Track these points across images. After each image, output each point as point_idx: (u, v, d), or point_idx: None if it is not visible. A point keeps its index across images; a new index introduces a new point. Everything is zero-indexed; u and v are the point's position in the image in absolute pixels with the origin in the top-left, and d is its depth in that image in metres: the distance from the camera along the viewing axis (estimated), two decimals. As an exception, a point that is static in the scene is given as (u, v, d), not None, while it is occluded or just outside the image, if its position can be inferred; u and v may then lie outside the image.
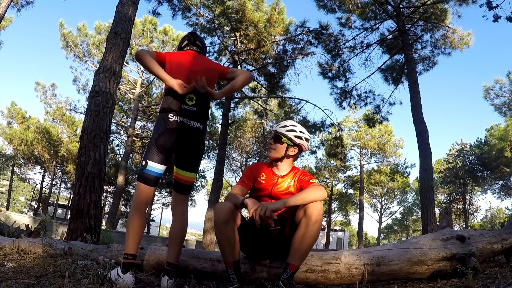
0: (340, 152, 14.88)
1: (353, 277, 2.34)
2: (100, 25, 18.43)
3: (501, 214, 34.30)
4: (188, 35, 2.69)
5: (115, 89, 5.12)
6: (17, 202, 46.86)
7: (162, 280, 2.23)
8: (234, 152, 27.51)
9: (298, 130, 2.43)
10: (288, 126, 2.42)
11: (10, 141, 23.65)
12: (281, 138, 2.40)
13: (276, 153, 2.41)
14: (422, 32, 12.06)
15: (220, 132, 13.25)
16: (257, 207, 2.05)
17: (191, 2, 12.17)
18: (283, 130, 2.40)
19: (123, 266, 2.16)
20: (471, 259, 2.26)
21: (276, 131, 2.43)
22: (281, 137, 2.40)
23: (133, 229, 2.26)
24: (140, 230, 2.29)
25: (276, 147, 2.41)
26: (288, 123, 2.44)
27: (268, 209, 2.04)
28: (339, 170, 29.76)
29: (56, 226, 15.54)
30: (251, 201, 2.14)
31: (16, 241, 3.28)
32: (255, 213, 2.04)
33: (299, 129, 2.44)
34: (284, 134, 2.40)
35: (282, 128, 2.41)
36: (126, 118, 21.65)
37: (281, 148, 2.40)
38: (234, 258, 2.21)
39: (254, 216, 2.04)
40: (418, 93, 9.72)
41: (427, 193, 8.88)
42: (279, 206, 2.10)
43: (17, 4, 11.04)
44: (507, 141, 24.69)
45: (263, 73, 13.50)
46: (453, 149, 32.05)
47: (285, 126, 2.42)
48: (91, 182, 4.61)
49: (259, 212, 2.03)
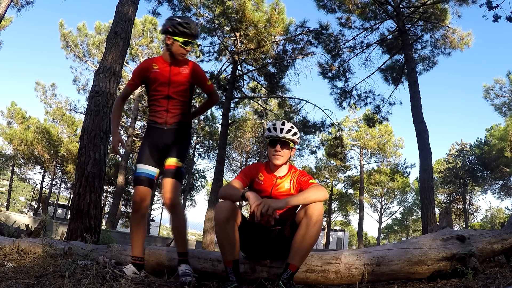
0: (340, 152, 14.88)
1: (353, 277, 2.34)
2: (100, 25, 18.43)
3: (501, 214, 34.30)
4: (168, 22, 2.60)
5: (115, 89, 5.13)
6: (17, 202, 46.86)
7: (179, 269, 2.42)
8: (234, 152, 27.52)
9: (296, 130, 2.44)
10: (291, 130, 2.40)
11: (10, 141, 23.65)
12: (289, 143, 2.40)
13: (284, 159, 2.41)
14: (422, 32, 12.06)
15: (220, 132, 13.25)
16: (259, 202, 2.06)
17: (191, 2, 12.17)
18: (290, 136, 2.39)
19: (136, 267, 2.47)
20: (471, 259, 2.26)
21: (284, 138, 2.38)
22: (289, 143, 2.40)
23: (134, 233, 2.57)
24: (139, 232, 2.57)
25: (284, 153, 2.39)
26: (288, 126, 2.41)
27: (270, 207, 2.04)
28: (339, 170, 29.75)
29: (56, 226, 15.53)
30: (253, 195, 2.14)
31: (16, 241, 3.28)
32: (256, 209, 2.04)
33: (296, 129, 2.45)
34: (292, 139, 2.39)
35: (289, 134, 2.39)
36: (126, 118, 21.63)
37: (288, 153, 2.41)
38: (234, 257, 2.21)
39: (255, 212, 2.03)
40: (418, 93, 9.72)
41: (427, 193, 8.88)
42: (281, 205, 2.11)
43: (17, 4, 11.04)
44: (507, 141, 24.69)
45: (263, 73, 13.50)
46: (453, 149, 32.06)
47: (289, 130, 2.40)
48: (91, 182, 4.61)
49: (261, 209, 2.03)
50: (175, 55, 2.60)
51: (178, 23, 2.55)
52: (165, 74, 2.64)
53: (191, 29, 2.57)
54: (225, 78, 13.14)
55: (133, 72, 2.74)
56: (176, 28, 2.54)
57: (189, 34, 2.57)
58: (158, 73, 2.64)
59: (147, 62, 2.71)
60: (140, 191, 2.52)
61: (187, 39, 2.56)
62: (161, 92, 2.64)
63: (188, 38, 2.57)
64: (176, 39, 2.55)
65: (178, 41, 2.55)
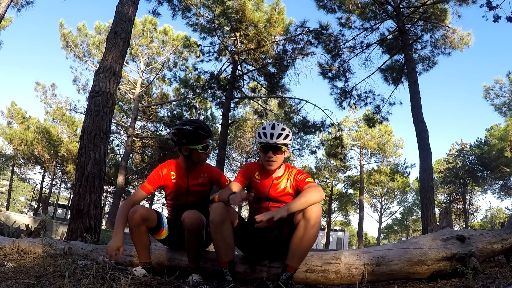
0: (340, 152, 14.89)
1: (353, 277, 2.34)
2: (100, 25, 18.42)
3: (501, 214, 34.29)
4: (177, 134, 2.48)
5: (115, 89, 5.12)
6: (17, 202, 46.84)
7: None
8: (234, 152, 27.54)
9: (287, 131, 2.38)
10: (282, 133, 2.34)
11: (10, 141, 23.64)
12: (281, 148, 2.36)
13: (278, 163, 2.39)
14: (422, 32, 12.06)
15: (220, 132, 13.25)
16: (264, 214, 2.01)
17: (191, 2, 12.17)
18: (281, 140, 2.33)
19: (146, 270, 2.50)
20: (471, 259, 2.26)
21: (276, 144, 2.33)
22: (281, 147, 2.36)
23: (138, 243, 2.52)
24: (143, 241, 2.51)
25: (277, 158, 2.36)
26: (279, 130, 2.35)
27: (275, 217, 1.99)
28: (339, 170, 29.75)
29: (56, 226, 15.54)
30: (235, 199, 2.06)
31: (16, 241, 3.28)
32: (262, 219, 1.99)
33: (287, 130, 2.39)
34: (284, 143, 2.35)
35: (280, 138, 2.33)
36: (126, 118, 21.63)
37: (281, 157, 2.39)
38: (229, 258, 2.22)
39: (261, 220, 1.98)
40: (418, 93, 9.72)
41: (427, 193, 8.88)
42: (284, 214, 2.03)
43: (17, 4, 11.03)
44: (507, 141, 24.67)
45: (263, 73, 13.50)
46: (453, 149, 32.05)
47: (280, 134, 2.33)
48: (91, 182, 4.61)
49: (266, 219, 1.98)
50: (198, 163, 2.52)
51: (190, 131, 2.42)
52: (183, 185, 2.57)
53: (205, 131, 2.46)
54: (225, 78, 13.14)
55: (149, 178, 2.58)
56: (190, 137, 2.42)
57: (206, 137, 2.47)
58: (176, 183, 2.56)
59: (165, 169, 2.59)
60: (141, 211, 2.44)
61: (205, 143, 2.47)
62: (179, 201, 2.62)
63: (205, 142, 2.47)
64: (194, 148, 2.44)
65: (197, 149, 2.44)
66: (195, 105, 19.54)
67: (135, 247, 2.55)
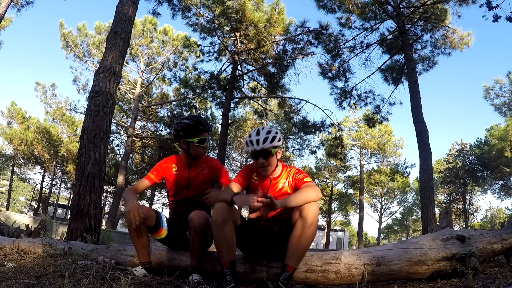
0: (340, 152, 14.90)
1: (353, 277, 2.34)
2: (100, 25, 18.42)
3: (501, 214, 34.31)
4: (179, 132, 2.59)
5: (115, 89, 5.12)
6: (17, 202, 46.85)
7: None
8: (234, 152, 27.55)
9: (274, 132, 2.37)
10: (268, 137, 2.32)
11: (10, 141, 23.64)
12: (270, 151, 2.35)
13: (272, 167, 2.39)
14: (422, 32, 12.06)
15: (220, 132, 13.24)
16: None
17: (191, 2, 12.17)
18: (268, 144, 2.32)
19: (146, 270, 2.52)
20: (471, 259, 2.26)
21: (263, 149, 2.32)
22: (270, 151, 2.35)
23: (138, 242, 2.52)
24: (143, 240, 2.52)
25: (269, 161, 2.36)
26: (264, 134, 2.34)
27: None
28: (339, 170, 29.75)
29: (56, 226, 15.52)
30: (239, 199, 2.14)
31: (16, 241, 3.28)
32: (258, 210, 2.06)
33: (274, 132, 2.38)
34: (271, 146, 2.33)
35: (266, 143, 2.31)
36: (126, 118, 21.63)
37: (274, 159, 2.39)
38: (231, 258, 2.22)
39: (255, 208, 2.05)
40: (418, 93, 9.72)
41: (427, 193, 8.88)
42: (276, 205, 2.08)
43: (17, 4, 11.03)
44: (507, 141, 24.67)
45: (263, 73, 13.50)
46: (453, 149, 32.05)
47: (266, 138, 2.32)
48: (91, 182, 4.61)
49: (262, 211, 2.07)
50: (195, 156, 2.60)
51: (187, 124, 2.54)
52: (184, 176, 2.65)
53: (201, 124, 2.56)
54: (225, 78, 13.14)
55: (153, 169, 2.70)
56: (187, 130, 2.53)
57: (203, 131, 2.55)
58: (177, 174, 2.65)
59: (167, 162, 2.72)
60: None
61: (202, 137, 2.54)
62: (180, 195, 2.66)
63: (202, 135, 2.55)
64: (190, 140, 2.54)
65: (193, 142, 2.53)
66: (195, 105, 19.54)
67: (135, 246, 2.56)
